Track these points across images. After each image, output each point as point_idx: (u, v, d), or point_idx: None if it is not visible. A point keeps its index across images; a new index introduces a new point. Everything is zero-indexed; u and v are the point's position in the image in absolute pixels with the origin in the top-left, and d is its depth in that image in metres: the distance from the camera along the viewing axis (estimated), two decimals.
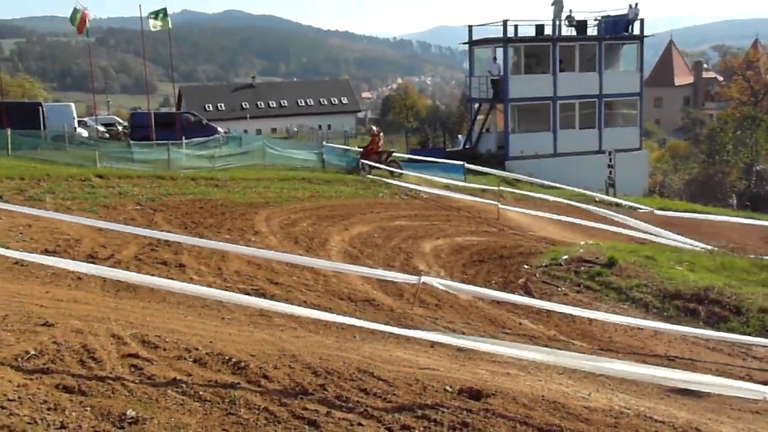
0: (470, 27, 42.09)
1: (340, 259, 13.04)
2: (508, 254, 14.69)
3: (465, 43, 43.22)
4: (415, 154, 36.43)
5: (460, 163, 28.39)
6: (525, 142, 39.88)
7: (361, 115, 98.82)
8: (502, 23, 39.82)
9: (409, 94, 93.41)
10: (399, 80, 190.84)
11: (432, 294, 10.75)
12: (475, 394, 5.60)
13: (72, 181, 18.44)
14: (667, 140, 72.23)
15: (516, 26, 40.18)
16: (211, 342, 6.21)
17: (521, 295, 11.60)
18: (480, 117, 43.07)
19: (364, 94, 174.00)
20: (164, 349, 5.84)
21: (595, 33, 41.22)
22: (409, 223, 17.25)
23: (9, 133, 25.73)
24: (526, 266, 13.72)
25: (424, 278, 9.71)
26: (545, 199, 22.53)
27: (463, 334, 8.96)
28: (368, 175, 24.42)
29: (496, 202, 20.04)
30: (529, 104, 40.53)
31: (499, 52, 40.13)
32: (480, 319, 10.31)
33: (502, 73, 39.54)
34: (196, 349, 5.87)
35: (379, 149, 26.43)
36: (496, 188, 21.52)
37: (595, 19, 41.50)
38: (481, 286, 11.73)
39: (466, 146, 42.90)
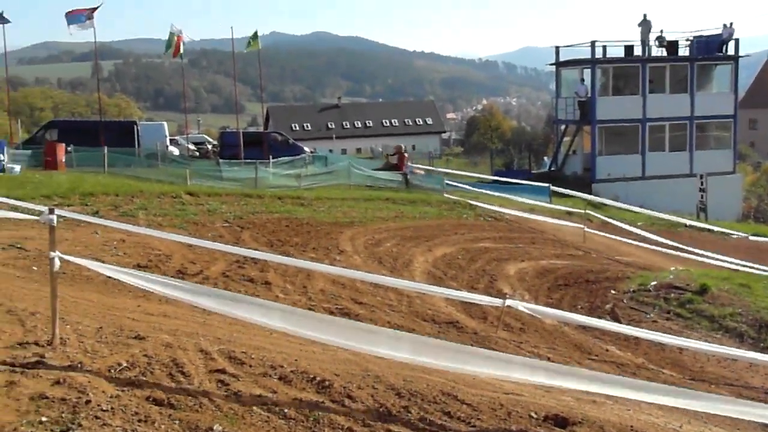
0: (557, 48, 41.74)
1: (423, 280, 13.01)
2: (594, 279, 14.41)
3: (552, 65, 42.87)
4: (499, 176, 36.20)
5: (546, 185, 28.05)
6: (612, 164, 39.15)
7: (445, 135, 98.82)
8: (590, 44, 39.35)
9: (494, 115, 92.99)
10: (484, 101, 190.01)
11: (516, 317, 10.62)
12: (561, 422, 5.49)
13: (163, 198, 18.95)
14: (762, 163, 69.69)
15: (604, 47, 39.65)
16: (295, 360, 6.26)
17: (608, 320, 11.34)
18: (566, 139, 42.57)
19: (449, 115, 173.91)
20: (250, 366, 5.91)
21: (686, 53, 40.28)
22: (493, 245, 17.11)
23: (106, 150, 26.71)
24: (613, 291, 13.43)
25: (508, 301, 9.56)
26: (632, 223, 22.04)
27: (549, 360, 8.81)
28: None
29: (582, 226, 19.70)
30: (617, 126, 39.84)
31: (587, 73, 39.64)
32: (565, 345, 10.12)
33: (589, 95, 39.01)
34: (281, 367, 5.93)
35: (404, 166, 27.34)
36: (582, 211, 21.15)
37: (687, 40, 40.58)
38: (566, 311, 11.51)
39: (552, 168, 42.42)
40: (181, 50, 35.93)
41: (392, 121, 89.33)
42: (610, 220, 22.39)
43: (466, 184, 27.20)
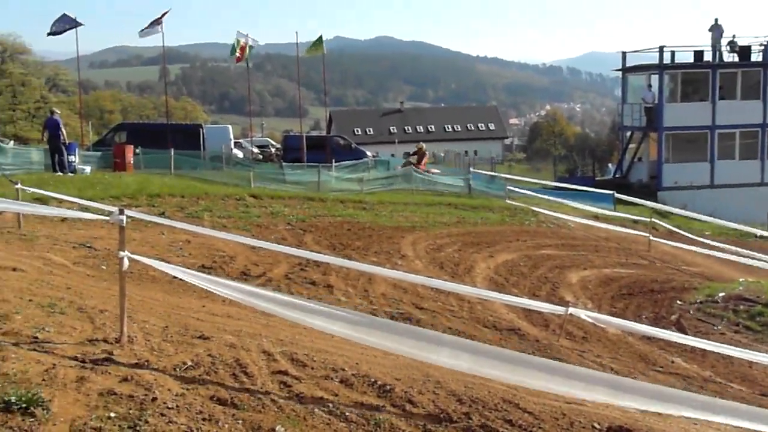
0: (624, 53, 41.11)
1: (485, 286, 12.92)
2: (659, 288, 14.14)
3: (618, 70, 42.26)
4: (563, 182, 35.78)
5: (610, 192, 27.64)
6: (679, 172, 38.36)
7: (508, 141, 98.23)
8: (658, 49, 38.64)
9: (557, 120, 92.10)
10: (547, 107, 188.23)
11: (579, 326, 10.48)
12: None
13: (228, 200, 19.21)
14: None
15: (672, 52, 38.89)
16: (357, 363, 6.28)
17: (674, 332, 11.10)
18: (632, 145, 41.91)
19: (512, 121, 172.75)
20: (312, 368, 5.94)
21: (759, 59, 39.23)
22: (555, 252, 16.92)
23: (172, 153, 27.23)
24: (679, 302, 13.15)
25: (571, 309, 9.44)
26: (700, 232, 21.57)
27: (612, 370, 8.67)
28: None
29: (647, 234, 19.34)
30: (685, 133, 39.02)
31: (654, 78, 38.93)
32: (629, 355, 9.95)
33: (656, 101, 38.32)
34: (343, 370, 5.95)
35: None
36: (648, 219, 20.75)
37: (761, 45, 39.53)
38: (630, 321, 11.31)
39: (617, 175, 41.82)
40: (246, 55, 36.42)
41: (454, 126, 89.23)
42: (676, 230, 21.95)
43: (528, 190, 26.95)
